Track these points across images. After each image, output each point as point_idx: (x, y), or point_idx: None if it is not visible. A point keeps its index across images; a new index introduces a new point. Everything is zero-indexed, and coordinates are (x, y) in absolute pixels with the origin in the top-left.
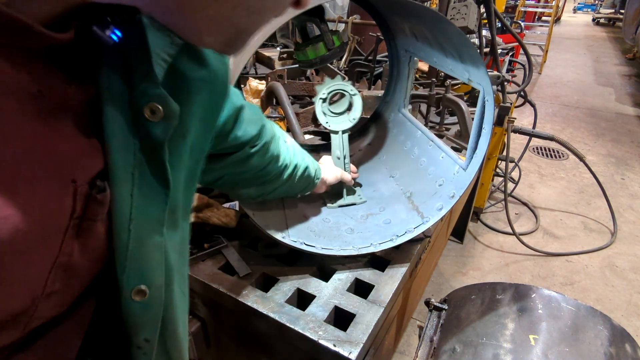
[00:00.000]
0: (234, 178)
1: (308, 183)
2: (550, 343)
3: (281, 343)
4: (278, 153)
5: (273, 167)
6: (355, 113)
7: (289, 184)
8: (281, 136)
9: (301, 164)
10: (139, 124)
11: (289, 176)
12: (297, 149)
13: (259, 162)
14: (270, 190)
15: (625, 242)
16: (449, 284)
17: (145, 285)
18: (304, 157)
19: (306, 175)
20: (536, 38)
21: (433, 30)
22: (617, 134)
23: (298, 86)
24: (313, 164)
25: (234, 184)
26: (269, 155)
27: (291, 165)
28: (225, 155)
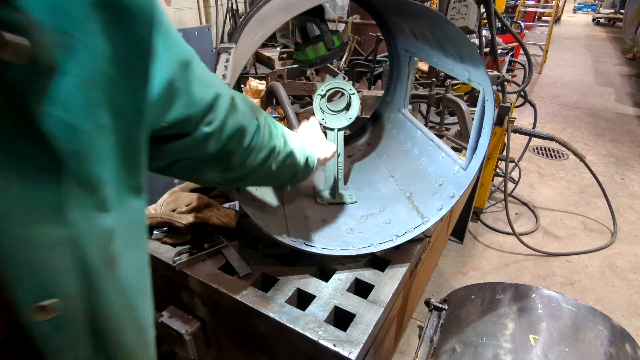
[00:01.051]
0: (190, 163)
1: (296, 172)
2: (550, 343)
3: (281, 343)
4: (242, 129)
5: (237, 149)
6: (352, 112)
7: (266, 172)
8: (248, 110)
9: (282, 149)
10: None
11: (263, 162)
12: (278, 129)
13: (217, 142)
14: (238, 177)
15: (625, 242)
16: (449, 284)
17: (51, 300)
18: (288, 139)
19: (290, 162)
20: (536, 38)
21: (433, 30)
22: (617, 134)
23: (298, 86)
24: (302, 150)
25: (192, 169)
26: (228, 132)
27: (265, 149)
28: (176, 138)
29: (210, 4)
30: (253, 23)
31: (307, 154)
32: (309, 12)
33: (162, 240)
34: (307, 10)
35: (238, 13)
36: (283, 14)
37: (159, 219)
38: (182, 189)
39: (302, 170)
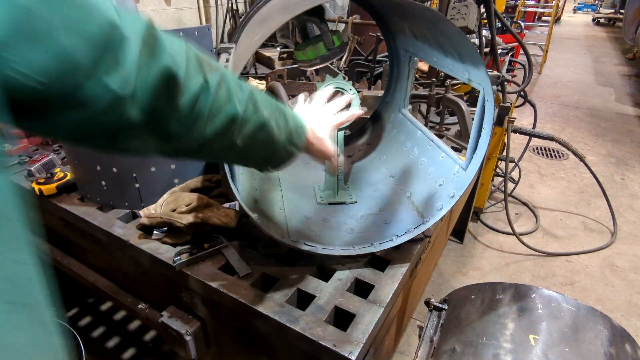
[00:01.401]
0: (110, 132)
1: (272, 150)
2: (550, 343)
3: (281, 343)
4: (176, 80)
5: (169, 111)
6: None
7: (227, 147)
8: (187, 61)
9: (250, 117)
10: None
11: (219, 133)
12: (244, 93)
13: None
14: (184, 148)
15: (625, 242)
16: (449, 284)
17: None
18: (260, 105)
19: (264, 137)
20: (536, 38)
21: (433, 30)
22: (617, 134)
23: (298, 86)
24: (283, 120)
25: (111, 138)
26: (152, 80)
27: (220, 116)
28: (65, 108)
29: (210, 4)
30: (253, 23)
31: (292, 126)
32: (309, 12)
33: (162, 240)
34: (307, 10)
35: (238, 13)
36: (283, 14)
37: (159, 219)
38: (182, 189)
39: (282, 149)
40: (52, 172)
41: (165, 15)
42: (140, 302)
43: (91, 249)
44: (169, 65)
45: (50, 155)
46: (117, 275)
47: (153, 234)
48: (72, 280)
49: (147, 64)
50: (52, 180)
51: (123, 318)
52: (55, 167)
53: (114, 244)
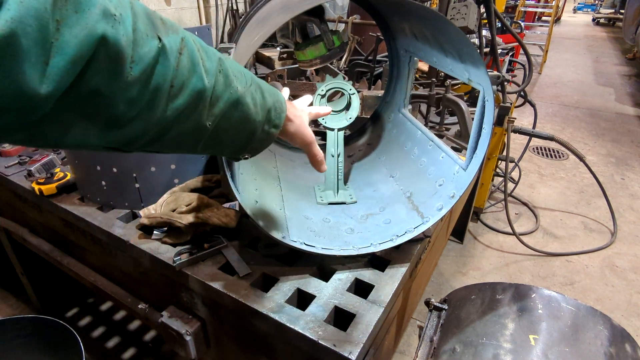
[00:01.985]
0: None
1: (250, 132)
2: (550, 343)
3: (281, 343)
4: (118, 46)
5: (112, 83)
6: (352, 112)
7: (195, 130)
8: (135, 19)
9: (222, 92)
10: None
11: (183, 113)
12: (213, 62)
13: (43, 67)
14: (139, 136)
15: (625, 242)
16: (449, 284)
17: None
18: (233, 78)
19: (240, 116)
20: (536, 38)
21: (433, 30)
22: (617, 134)
23: (298, 86)
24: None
25: (27, 128)
26: (77, 46)
27: (184, 91)
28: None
29: (210, 4)
30: (253, 23)
31: (270, 102)
32: (309, 12)
33: (162, 240)
34: (307, 10)
35: (238, 13)
36: (283, 14)
37: (159, 219)
38: (182, 189)
39: (260, 130)
40: (52, 172)
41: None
42: (140, 302)
43: (91, 249)
44: (104, 24)
45: (50, 155)
46: (117, 275)
47: (153, 234)
48: (72, 280)
49: (69, 19)
50: (52, 180)
51: (123, 318)
52: (55, 167)
53: (114, 244)
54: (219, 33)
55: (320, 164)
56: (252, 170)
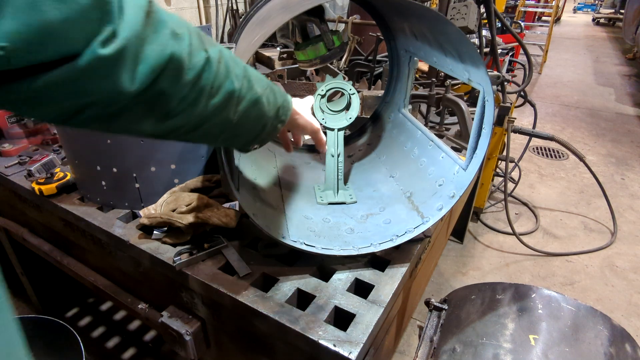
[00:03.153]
0: (103, 112)
1: (263, 125)
2: (550, 343)
3: (281, 343)
4: (175, 60)
5: (172, 89)
6: (352, 112)
7: (222, 124)
8: (190, 36)
9: (246, 94)
10: None
11: (217, 110)
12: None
13: (131, 74)
14: (181, 126)
15: (625, 242)
16: (449, 284)
17: None
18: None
19: (256, 114)
20: (536, 38)
21: (433, 30)
22: (617, 134)
23: (298, 86)
24: (272, 95)
25: (108, 119)
26: (152, 61)
27: (220, 92)
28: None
29: (210, 4)
30: (253, 23)
31: (280, 101)
32: (309, 12)
33: (162, 240)
34: (307, 10)
35: (238, 13)
36: (283, 14)
37: (159, 219)
38: (182, 189)
39: (270, 124)
40: (52, 172)
41: None
42: (140, 302)
43: (91, 249)
44: (172, 45)
45: (50, 155)
46: (117, 275)
47: (153, 234)
48: (72, 280)
49: (151, 38)
50: (52, 180)
51: (123, 318)
52: (55, 167)
53: (114, 244)
54: (219, 33)
55: (324, 146)
56: (252, 170)
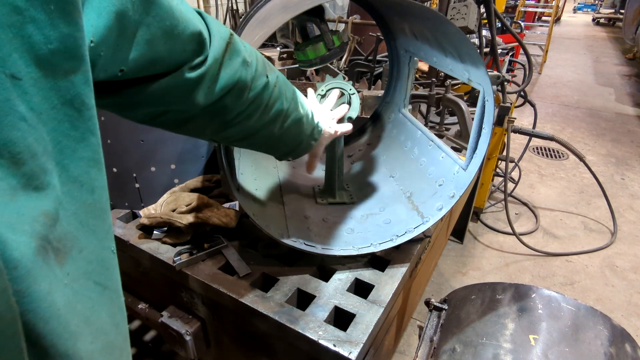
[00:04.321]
0: (180, 116)
1: (299, 142)
2: (550, 343)
3: (281, 343)
4: (241, 84)
5: (234, 105)
6: (353, 112)
7: (268, 136)
8: (257, 64)
9: (291, 113)
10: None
11: (267, 124)
12: (289, 91)
13: (207, 95)
14: (236, 137)
15: (625, 242)
16: (449, 284)
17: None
18: (299, 104)
19: (296, 131)
20: (536, 38)
21: (433, 30)
22: (617, 134)
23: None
24: (310, 118)
25: (182, 123)
26: (223, 84)
27: (271, 110)
28: (152, 79)
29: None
30: (253, 23)
31: (315, 123)
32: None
33: (162, 240)
34: (307, 10)
35: (238, 13)
36: (283, 14)
37: (159, 219)
38: (182, 189)
39: (305, 141)
40: None
41: None
42: (140, 302)
43: None
44: (241, 72)
45: None
46: None
47: (153, 234)
48: None
49: (226, 65)
50: None
51: None
52: None
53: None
54: None
55: (312, 169)
56: (252, 170)
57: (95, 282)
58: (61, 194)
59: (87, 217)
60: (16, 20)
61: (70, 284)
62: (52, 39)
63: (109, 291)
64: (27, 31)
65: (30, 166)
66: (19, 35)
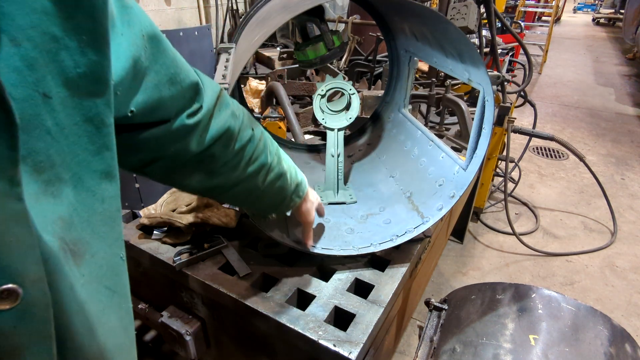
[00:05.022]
0: (169, 164)
1: (283, 197)
2: (550, 343)
3: (281, 343)
4: (229, 133)
5: (222, 154)
6: (352, 112)
7: (251, 188)
8: (244, 117)
9: (275, 167)
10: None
11: (251, 176)
12: (273, 146)
13: (199, 141)
14: (221, 188)
15: (625, 242)
16: (449, 284)
17: (13, 283)
18: (282, 160)
19: (280, 185)
20: (536, 38)
21: (433, 30)
22: (617, 134)
23: (298, 86)
24: (295, 175)
25: (170, 171)
26: (214, 132)
27: (256, 162)
28: (151, 126)
29: (210, 4)
30: (253, 23)
31: (299, 179)
32: (309, 12)
33: (162, 240)
34: (307, 10)
35: (238, 13)
36: (283, 14)
37: (159, 219)
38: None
39: (289, 197)
40: None
41: (165, 15)
42: (140, 302)
43: None
44: (230, 122)
45: None
46: None
47: (153, 234)
48: None
49: (217, 115)
50: None
51: None
52: None
53: None
54: (219, 33)
55: (309, 240)
56: None
57: (106, 287)
58: (75, 202)
59: (98, 224)
60: (53, 47)
61: (85, 285)
62: (81, 64)
63: (118, 296)
64: (60, 56)
65: (49, 174)
66: (53, 60)
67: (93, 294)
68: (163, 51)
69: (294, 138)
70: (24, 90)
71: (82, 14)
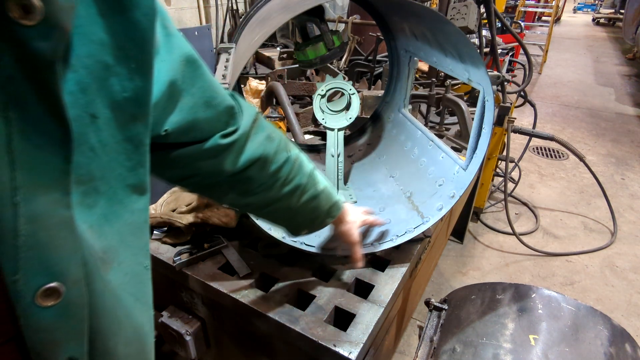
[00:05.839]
0: (207, 181)
1: (315, 216)
2: (550, 343)
3: (281, 343)
4: (265, 158)
5: (257, 176)
6: (352, 112)
7: (286, 207)
8: (280, 139)
9: (309, 188)
10: (5, 30)
11: (285, 196)
12: (309, 167)
13: (233, 163)
14: (257, 206)
15: (625, 242)
16: (449, 284)
17: (57, 282)
18: (317, 180)
19: (313, 205)
20: (536, 38)
21: (433, 30)
22: (617, 134)
23: (298, 86)
24: (330, 196)
25: (209, 188)
26: (249, 155)
27: (291, 184)
28: (185, 145)
29: (210, 4)
30: (253, 23)
31: (334, 201)
32: (309, 12)
33: (162, 240)
34: (307, 10)
35: (238, 13)
36: (283, 14)
37: (159, 219)
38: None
39: (321, 217)
40: None
41: None
42: None
43: None
44: (266, 147)
45: None
46: None
47: (153, 234)
48: None
49: (252, 139)
50: None
51: None
52: None
53: None
54: (219, 33)
55: (357, 261)
56: None
57: (130, 293)
58: (107, 213)
59: (127, 234)
60: (104, 74)
61: (112, 291)
62: (128, 89)
63: (140, 303)
64: (110, 82)
65: (87, 187)
66: (104, 86)
67: (118, 300)
68: (200, 75)
69: (294, 138)
70: (75, 111)
71: (133, 45)
